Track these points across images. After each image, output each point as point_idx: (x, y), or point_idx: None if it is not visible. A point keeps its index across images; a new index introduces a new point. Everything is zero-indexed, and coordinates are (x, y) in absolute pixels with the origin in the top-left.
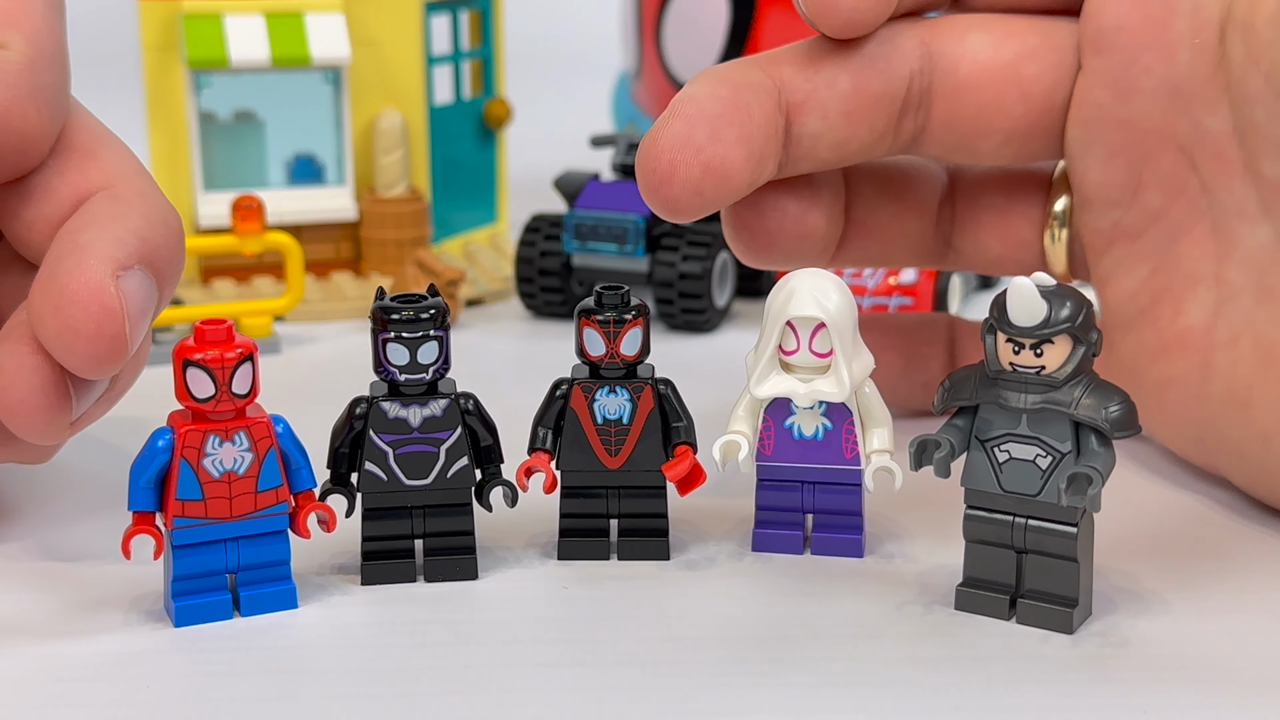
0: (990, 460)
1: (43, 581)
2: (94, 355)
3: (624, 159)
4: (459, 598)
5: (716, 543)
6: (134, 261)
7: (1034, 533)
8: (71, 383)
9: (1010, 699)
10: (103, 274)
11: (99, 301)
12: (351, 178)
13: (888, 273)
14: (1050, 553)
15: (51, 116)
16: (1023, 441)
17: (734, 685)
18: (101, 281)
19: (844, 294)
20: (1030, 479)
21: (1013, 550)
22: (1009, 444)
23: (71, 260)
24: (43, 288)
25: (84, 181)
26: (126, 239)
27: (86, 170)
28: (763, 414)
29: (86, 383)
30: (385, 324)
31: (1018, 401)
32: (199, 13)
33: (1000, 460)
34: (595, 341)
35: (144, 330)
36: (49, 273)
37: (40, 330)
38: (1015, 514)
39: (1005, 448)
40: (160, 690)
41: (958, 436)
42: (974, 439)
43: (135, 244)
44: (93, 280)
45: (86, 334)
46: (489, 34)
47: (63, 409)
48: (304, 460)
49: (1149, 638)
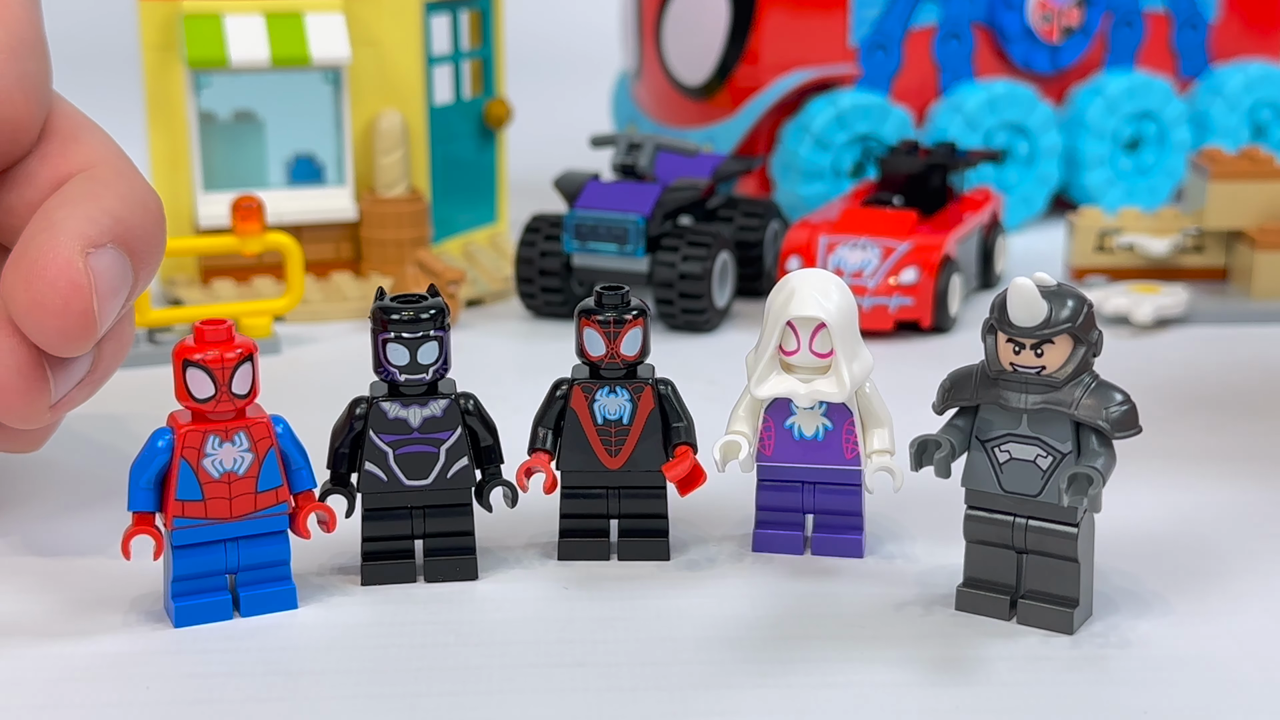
0: (991, 460)
1: (43, 581)
2: (62, 331)
3: (624, 159)
4: (459, 598)
5: (716, 543)
6: (106, 240)
7: (1034, 533)
8: (49, 364)
9: (1010, 700)
10: (72, 250)
11: (67, 277)
12: (351, 178)
13: (888, 272)
14: (1051, 553)
15: (38, 103)
16: (1023, 442)
17: (734, 685)
18: (70, 257)
19: (844, 294)
20: (1031, 479)
21: (1013, 551)
22: (1009, 444)
23: (43, 237)
24: (14, 264)
25: (65, 165)
26: (99, 218)
27: (67, 154)
28: (763, 414)
29: (65, 365)
30: (385, 324)
31: (1018, 402)
32: (199, 13)
33: (1001, 460)
34: (595, 341)
35: (116, 309)
36: (21, 249)
37: (11, 306)
38: (1016, 514)
39: (1006, 448)
40: (160, 690)
41: (958, 437)
42: (974, 439)
43: (108, 223)
44: (61, 256)
45: (54, 309)
46: (489, 34)
47: (40, 390)
48: (304, 460)
49: (1149, 638)
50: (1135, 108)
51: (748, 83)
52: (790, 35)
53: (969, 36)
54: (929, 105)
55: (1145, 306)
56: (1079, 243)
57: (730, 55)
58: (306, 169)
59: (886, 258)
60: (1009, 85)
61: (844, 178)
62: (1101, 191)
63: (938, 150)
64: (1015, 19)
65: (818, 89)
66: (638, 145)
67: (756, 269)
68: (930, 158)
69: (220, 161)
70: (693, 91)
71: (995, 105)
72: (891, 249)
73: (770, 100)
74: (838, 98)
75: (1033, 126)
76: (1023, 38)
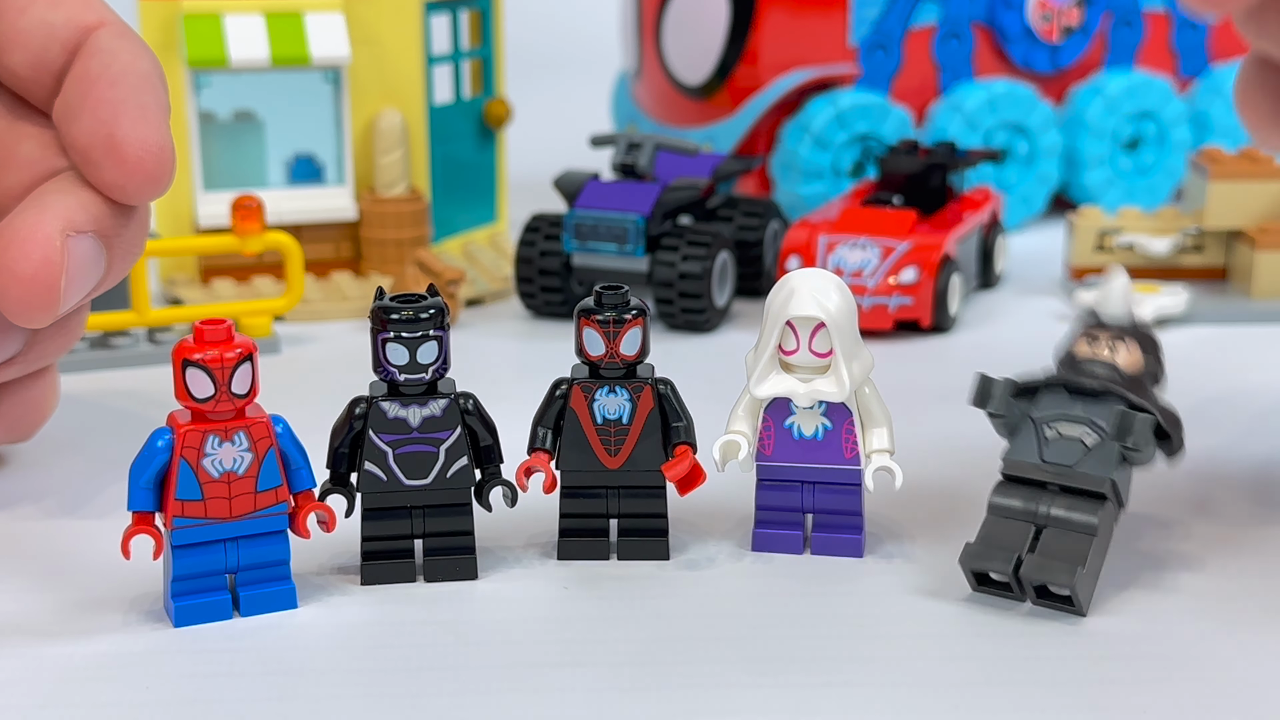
0: (1038, 436)
1: (43, 581)
2: (24, 300)
3: (624, 159)
4: (459, 598)
5: (716, 543)
6: (89, 228)
7: (1061, 500)
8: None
9: (1010, 699)
10: (53, 228)
11: (42, 251)
12: (351, 178)
13: (887, 272)
14: (1073, 521)
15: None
16: (1075, 422)
17: (734, 685)
18: (50, 234)
19: (844, 294)
20: (1072, 452)
21: (1032, 524)
22: (1061, 423)
23: (31, 213)
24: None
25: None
26: (90, 207)
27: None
28: (762, 414)
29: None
30: (385, 324)
31: (1081, 387)
32: (199, 12)
33: (1048, 436)
34: (595, 341)
35: (81, 293)
36: (9, 220)
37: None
38: (1048, 482)
39: (1056, 426)
40: (160, 690)
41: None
42: (1027, 418)
43: (96, 213)
44: (42, 232)
45: (22, 277)
46: (489, 34)
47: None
48: (303, 460)
49: (1149, 638)
50: (1135, 107)
51: (747, 82)
52: (790, 35)
53: (969, 36)
54: (929, 105)
55: (1145, 306)
56: (1079, 242)
57: (730, 55)
58: (306, 169)
59: (886, 257)
60: (1009, 85)
61: (844, 177)
62: (1101, 191)
63: (937, 150)
64: (1015, 19)
65: (817, 89)
66: (638, 145)
67: (756, 269)
68: (930, 157)
69: (220, 161)
70: (693, 91)
71: (995, 105)
72: (891, 249)
73: (770, 100)
74: (837, 97)
75: (1033, 126)
76: (1023, 37)
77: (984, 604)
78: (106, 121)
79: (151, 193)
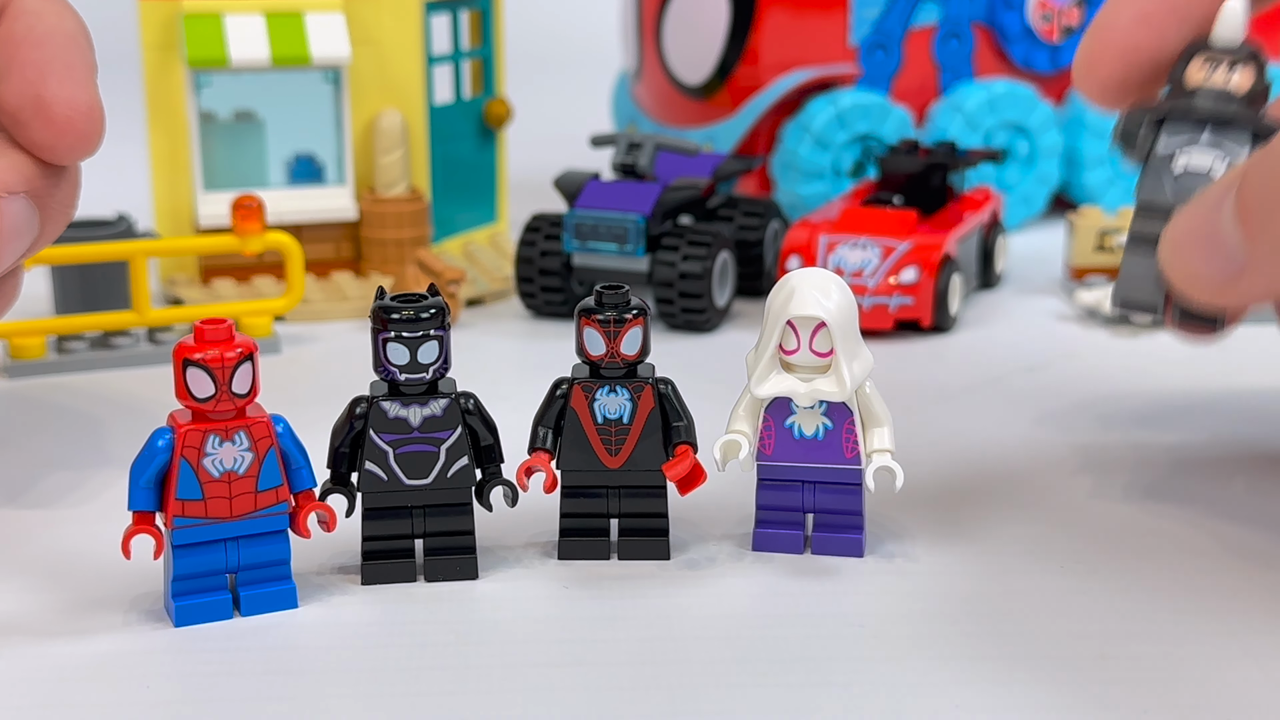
0: (1166, 174)
1: (43, 581)
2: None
3: (624, 159)
4: (459, 598)
5: (716, 543)
6: (22, 189)
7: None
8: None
9: (1010, 698)
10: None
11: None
12: (351, 177)
13: (888, 272)
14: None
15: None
16: (1203, 148)
17: (734, 685)
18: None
19: (844, 293)
20: (1199, 188)
21: None
22: (1189, 151)
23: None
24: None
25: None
26: (21, 168)
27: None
28: (763, 413)
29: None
30: (385, 323)
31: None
32: (199, 12)
33: (1176, 173)
34: (595, 341)
35: (15, 255)
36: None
37: None
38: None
39: (1184, 156)
40: (160, 690)
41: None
42: (1154, 154)
43: (28, 174)
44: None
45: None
46: (489, 34)
47: None
48: (304, 460)
49: (1149, 638)
50: None
51: (748, 82)
52: (790, 35)
53: (969, 36)
54: (929, 105)
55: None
56: (1079, 242)
57: (730, 55)
58: (306, 169)
59: (886, 257)
60: (1009, 85)
61: (844, 177)
62: (1101, 191)
63: (938, 150)
64: (1015, 19)
65: (818, 89)
66: (638, 145)
67: (756, 268)
68: (930, 157)
69: (220, 161)
70: (693, 91)
71: (995, 105)
72: (891, 248)
73: (770, 100)
74: (838, 97)
75: (1033, 126)
76: (1023, 37)
77: (984, 604)
78: (34, 82)
79: (82, 152)
